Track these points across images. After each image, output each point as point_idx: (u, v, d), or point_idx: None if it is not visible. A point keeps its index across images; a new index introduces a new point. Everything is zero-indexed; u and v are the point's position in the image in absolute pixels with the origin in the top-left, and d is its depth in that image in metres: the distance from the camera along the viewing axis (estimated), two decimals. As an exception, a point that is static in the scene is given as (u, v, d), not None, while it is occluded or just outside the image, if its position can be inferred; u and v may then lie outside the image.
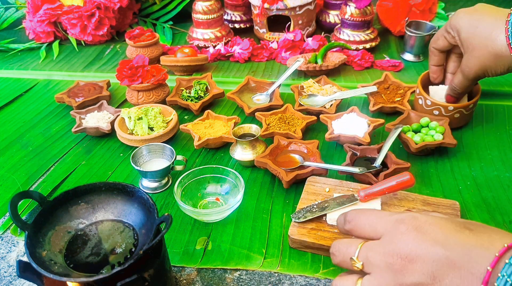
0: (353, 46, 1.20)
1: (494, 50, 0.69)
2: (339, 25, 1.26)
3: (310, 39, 1.21)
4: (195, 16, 1.28)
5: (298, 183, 0.77)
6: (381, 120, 0.85)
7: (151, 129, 0.90)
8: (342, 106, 0.98)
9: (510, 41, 0.67)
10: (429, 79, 0.93)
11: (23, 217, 0.74)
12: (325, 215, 0.66)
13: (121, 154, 0.89)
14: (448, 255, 0.39)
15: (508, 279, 0.35)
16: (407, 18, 1.19)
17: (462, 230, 0.40)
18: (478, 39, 0.70)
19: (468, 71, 0.74)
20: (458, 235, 0.40)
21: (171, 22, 1.46)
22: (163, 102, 1.01)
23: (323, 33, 1.30)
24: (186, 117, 0.99)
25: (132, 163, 0.75)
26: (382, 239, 0.43)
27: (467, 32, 0.72)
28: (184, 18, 1.46)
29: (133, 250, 0.51)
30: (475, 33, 0.71)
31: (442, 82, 0.89)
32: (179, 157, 0.79)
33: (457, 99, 0.83)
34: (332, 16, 1.32)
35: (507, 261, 0.36)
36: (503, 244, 0.37)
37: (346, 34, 1.22)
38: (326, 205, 0.66)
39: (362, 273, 0.44)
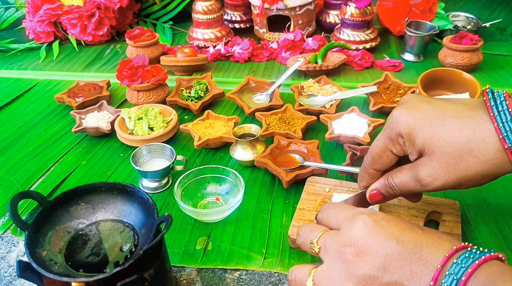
0: (353, 46, 1.20)
1: (483, 157, 0.44)
2: (339, 25, 1.26)
3: (310, 39, 1.21)
4: (195, 16, 1.28)
5: (298, 183, 0.77)
6: (381, 120, 0.85)
7: (151, 129, 0.90)
8: (342, 106, 0.98)
9: (509, 145, 0.43)
10: (430, 79, 0.93)
11: (23, 217, 0.74)
12: None
13: (121, 154, 0.89)
14: (400, 250, 0.40)
15: (455, 277, 0.37)
16: (407, 18, 1.20)
17: (416, 229, 0.42)
18: (450, 142, 0.45)
19: (432, 182, 0.47)
20: (412, 233, 0.41)
21: (171, 22, 1.46)
22: (163, 102, 1.01)
23: (323, 33, 1.30)
24: (186, 117, 0.99)
25: (132, 163, 0.75)
26: (341, 229, 0.44)
27: (427, 134, 0.46)
28: (184, 18, 1.46)
29: (133, 250, 0.51)
30: (441, 134, 0.46)
31: None
32: (179, 157, 0.79)
33: (384, 200, 0.55)
34: (332, 16, 1.32)
35: (455, 261, 0.38)
36: (452, 246, 0.39)
37: (346, 34, 1.22)
38: None
39: (316, 264, 0.45)
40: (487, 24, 1.25)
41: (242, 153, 0.81)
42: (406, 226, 0.42)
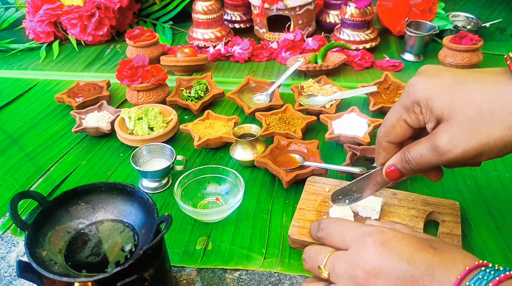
0: (353, 46, 1.20)
1: (507, 120, 0.40)
2: (339, 25, 1.26)
3: (310, 39, 1.21)
4: (195, 16, 1.28)
5: (298, 183, 0.77)
6: (381, 120, 0.85)
7: (151, 129, 0.90)
8: (342, 106, 0.98)
9: None
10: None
11: (23, 217, 0.74)
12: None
13: (121, 154, 0.89)
14: (412, 273, 0.39)
15: None
16: (407, 18, 1.20)
17: (427, 249, 0.40)
18: (472, 105, 0.41)
19: (451, 149, 0.43)
20: (424, 253, 0.40)
21: (171, 22, 1.46)
22: (163, 102, 1.01)
23: (323, 33, 1.30)
24: (186, 117, 0.99)
25: (132, 163, 0.75)
26: (349, 250, 0.43)
27: (446, 99, 0.43)
28: (184, 18, 1.46)
29: (133, 250, 0.51)
30: (462, 98, 0.42)
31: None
32: (179, 157, 0.79)
33: (402, 177, 0.51)
34: (332, 16, 1.32)
35: (467, 283, 0.36)
36: (465, 267, 0.38)
37: (346, 34, 1.22)
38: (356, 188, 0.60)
39: (329, 281, 0.44)
40: (487, 24, 1.25)
41: (242, 153, 0.81)
42: (418, 245, 0.41)
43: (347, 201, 0.61)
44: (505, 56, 0.43)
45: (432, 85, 0.44)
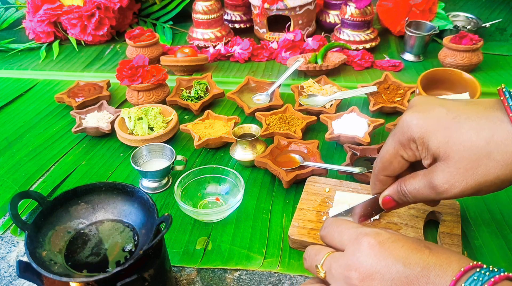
0: (353, 46, 1.20)
1: (504, 160, 0.41)
2: (339, 25, 1.26)
3: (310, 39, 1.21)
4: (195, 16, 1.28)
5: (298, 183, 0.77)
6: (381, 120, 0.85)
7: (151, 129, 0.90)
8: (342, 106, 0.98)
9: None
10: (430, 79, 0.93)
11: (23, 217, 0.74)
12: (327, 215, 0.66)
13: (121, 154, 0.89)
14: (407, 274, 0.39)
15: None
16: (407, 18, 1.20)
17: (422, 249, 0.40)
18: (468, 146, 0.42)
19: (449, 189, 0.44)
20: (419, 254, 0.40)
21: (171, 22, 1.46)
22: (163, 102, 1.01)
23: (323, 33, 1.30)
24: (186, 117, 0.99)
25: (132, 163, 0.75)
26: (346, 251, 0.43)
27: (442, 138, 0.43)
28: (184, 18, 1.46)
29: (133, 250, 0.51)
30: (457, 137, 0.42)
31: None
32: (179, 157, 0.79)
33: (398, 206, 0.53)
34: (332, 16, 1.32)
35: (462, 284, 0.36)
36: (460, 268, 0.38)
37: (346, 34, 1.22)
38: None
39: (326, 282, 0.44)
40: (487, 24, 1.25)
41: (242, 153, 0.81)
42: (413, 246, 0.40)
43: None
44: (498, 89, 0.44)
45: (426, 123, 0.44)
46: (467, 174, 0.42)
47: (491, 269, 0.37)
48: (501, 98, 0.42)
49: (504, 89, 0.43)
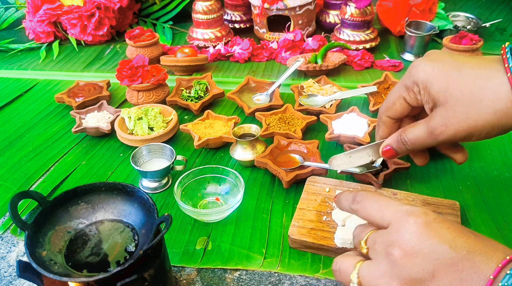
0: (353, 46, 1.20)
1: (494, 106, 0.44)
2: (339, 25, 1.26)
3: (310, 39, 1.21)
4: (195, 16, 1.28)
5: (298, 183, 0.77)
6: (381, 120, 0.85)
7: (151, 129, 0.90)
8: (342, 106, 0.98)
9: None
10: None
11: (23, 217, 0.74)
12: (331, 223, 0.66)
13: (121, 154, 0.89)
14: (452, 256, 0.38)
15: None
16: (407, 18, 1.20)
17: (468, 234, 0.40)
18: (464, 91, 0.46)
19: (444, 131, 0.48)
20: (465, 238, 0.40)
21: (171, 22, 1.46)
22: (163, 102, 1.01)
23: (323, 33, 1.30)
24: (186, 117, 0.99)
25: (132, 163, 0.75)
26: (389, 228, 0.43)
27: (442, 83, 0.47)
28: (184, 18, 1.46)
29: (133, 250, 0.51)
30: (456, 84, 0.46)
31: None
32: (179, 157, 0.79)
33: (397, 156, 0.56)
34: (332, 16, 1.32)
35: (508, 272, 0.36)
36: (506, 256, 0.37)
37: (346, 34, 1.22)
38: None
39: (367, 257, 0.44)
40: (487, 24, 1.25)
41: (242, 153, 0.81)
42: (458, 229, 0.41)
43: (342, 165, 0.62)
44: (503, 45, 0.47)
45: (432, 69, 0.48)
46: (460, 117, 0.46)
47: None
48: (501, 52, 0.46)
49: (507, 45, 0.47)
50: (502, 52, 0.46)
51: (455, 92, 0.46)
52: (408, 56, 1.19)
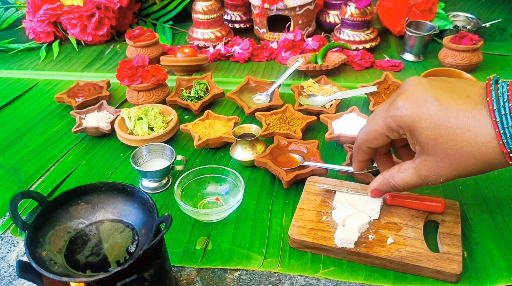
0: (353, 46, 1.20)
1: (483, 159, 0.46)
2: (339, 25, 1.26)
3: (310, 39, 1.21)
4: (195, 16, 1.28)
5: (298, 183, 0.77)
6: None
7: (151, 129, 0.90)
8: (342, 106, 0.98)
9: (508, 150, 0.44)
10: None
11: (23, 217, 0.74)
12: (330, 223, 0.66)
13: (121, 154, 0.88)
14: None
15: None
16: (407, 18, 1.20)
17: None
18: (454, 147, 0.47)
19: (437, 178, 0.51)
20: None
21: (171, 22, 1.46)
22: (163, 102, 1.01)
23: (323, 33, 1.30)
24: (186, 117, 0.99)
25: (132, 163, 0.75)
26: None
27: (430, 135, 0.48)
28: (184, 18, 1.46)
29: (133, 250, 0.51)
30: (446, 138, 0.47)
31: None
32: (179, 157, 0.79)
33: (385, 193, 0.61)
34: (332, 16, 1.32)
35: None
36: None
37: (346, 34, 1.22)
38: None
39: None
40: (487, 24, 1.25)
41: (242, 153, 0.81)
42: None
43: None
44: (487, 84, 0.47)
45: (418, 117, 0.48)
46: (451, 168, 0.49)
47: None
48: (487, 99, 0.46)
49: (491, 88, 0.46)
50: (487, 99, 0.46)
51: (444, 146, 0.47)
52: (408, 56, 1.19)
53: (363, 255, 0.61)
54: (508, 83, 0.46)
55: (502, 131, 0.44)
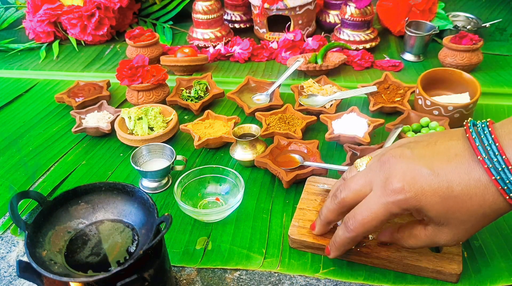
0: (353, 46, 1.20)
1: (495, 214, 0.47)
2: (339, 25, 1.26)
3: (310, 39, 1.21)
4: (195, 16, 1.28)
5: (298, 183, 0.77)
6: (381, 120, 0.85)
7: (151, 129, 0.90)
8: (342, 106, 0.98)
9: (508, 196, 0.44)
10: (429, 79, 0.93)
11: (23, 217, 0.74)
12: None
13: (121, 154, 0.89)
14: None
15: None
16: (407, 18, 1.20)
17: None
18: (465, 213, 0.47)
19: (456, 242, 0.51)
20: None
21: (171, 22, 1.46)
22: (163, 102, 1.01)
23: (323, 33, 1.30)
24: (186, 117, 0.99)
25: (132, 163, 0.75)
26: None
27: (440, 209, 0.47)
28: (184, 18, 1.46)
29: (133, 250, 0.51)
30: (456, 209, 0.46)
31: None
32: (179, 157, 0.79)
33: None
34: (332, 16, 1.32)
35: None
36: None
37: (346, 34, 1.22)
38: None
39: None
40: (487, 24, 1.25)
41: (242, 153, 0.81)
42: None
43: None
44: (468, 137, 0.47)
45: (422, 196, 0.47)
46: (467, 232, 0.49)
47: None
48: (479, 157, 0.45)
49: (473, 137, 0.46)
50: (479, 158, 0.45)
51: (456, 215, 0.47)
52: (408, 56, 1.19)
53: (363, 255, 0.61)
54: (488, 123, 0.46)
55: (505, 187, 0.44)
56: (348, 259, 0.62)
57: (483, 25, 1.26)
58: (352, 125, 0.84)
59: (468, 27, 1.26)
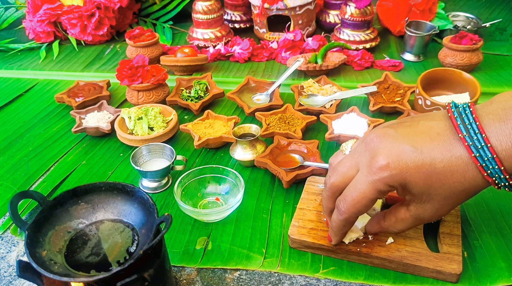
0: (353, 46, 1.20)
1: (474, 190, 0.49)
2: (339, 25, 1.26)
3: (310, 39, 1.21)
4: (195, 16, 1.28)
5: (298, 183, 0.77)
6: (381, 120, 0.85)
7: (151, 129, 0.90)
8: (342, 106, 0.98)
9: (493, 179, 0.46)
10: (429, 79, 0.93)
11: (23, 217, 0.74)
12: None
13: (121, 154, 0.89)
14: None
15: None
16: (407, 18, 1.20)
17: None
18: (447, 190, 0.48)
19: (435, 218, 0.53)
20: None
21: (171, 22, 1.46)
22: (163, 102, 1.01)
23: (323, 33, 1.30)
24: (186, 117, 0.99)
25: (132, 163, 0.75)
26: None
27: (423, 186, 0.48)
28: (184, 18, 1.46)
29: (133, 250, 0.51)
30: (438, 185, 0.48)
31: None
32: (179, 157, 0.79)
33: None
34: (332, 16, 1.32)
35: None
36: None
37: (346, 34, 1.22)
38: None
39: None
40: (487, 24, 1.25)
41: (242, 153, 0.81)
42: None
43: None
44: (455, 126, 0.48)
45: (407, 173, 0.48)
46: (449, 206, 0.51)
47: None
48: (460, 135, 0.47)
49: (455, 116, 0.48)
50: (466, 144, 0.46)
51: (439, 191, 0.49)
52: (408, 56, 1.19)
53: (363, 255, 0.61)
54: (469, 104, 0.48)
55: (484, 164, 0.45)
56: (348, 259, 0.62)
57: (483, 25, 1.26)
58: (352, 125, 0.84)
59: (468, 27, 1.26)
